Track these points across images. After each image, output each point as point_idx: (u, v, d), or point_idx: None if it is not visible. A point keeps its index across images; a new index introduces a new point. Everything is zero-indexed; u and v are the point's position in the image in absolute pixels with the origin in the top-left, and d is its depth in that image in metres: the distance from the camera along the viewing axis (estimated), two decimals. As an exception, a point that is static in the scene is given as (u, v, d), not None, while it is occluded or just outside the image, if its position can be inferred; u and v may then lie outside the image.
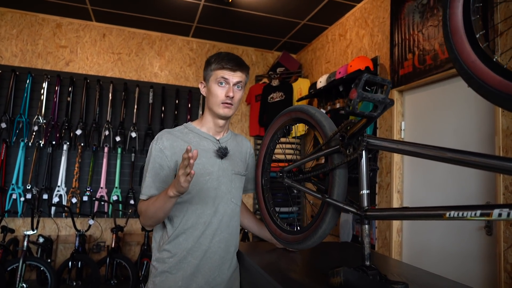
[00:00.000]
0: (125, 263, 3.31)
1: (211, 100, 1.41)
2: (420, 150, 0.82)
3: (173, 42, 4.63)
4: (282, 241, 1.29)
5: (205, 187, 1.38)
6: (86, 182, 4.07)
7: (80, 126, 4.05)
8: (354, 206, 1.04)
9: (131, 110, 4.30)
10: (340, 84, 3.45)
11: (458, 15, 0.78)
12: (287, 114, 1.33)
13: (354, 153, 0.97)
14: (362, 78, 0.79)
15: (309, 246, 1.16)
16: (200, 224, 1.37)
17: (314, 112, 1.18)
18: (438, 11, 2.59)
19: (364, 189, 0.99)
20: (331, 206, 1.08)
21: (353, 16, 3.71)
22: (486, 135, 2.24)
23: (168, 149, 1.38)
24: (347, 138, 0.98)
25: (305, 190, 1.17)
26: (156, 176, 1.36)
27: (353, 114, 0.84)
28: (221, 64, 1.38)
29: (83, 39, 4.29)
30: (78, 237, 3.38)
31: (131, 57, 4.44)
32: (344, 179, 1.07)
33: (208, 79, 1.42)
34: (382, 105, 0.82)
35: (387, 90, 0.83)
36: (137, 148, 4.23)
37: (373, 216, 0.96)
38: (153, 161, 1.37)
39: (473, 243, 2.29)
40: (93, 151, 4.11)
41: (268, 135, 1.45)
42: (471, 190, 2.32)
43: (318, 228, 1.11)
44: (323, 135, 1.13)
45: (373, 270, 0.94)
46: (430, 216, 0.81)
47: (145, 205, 1.33)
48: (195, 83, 4.66)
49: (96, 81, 4.20)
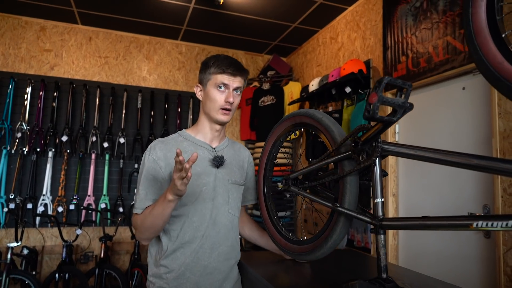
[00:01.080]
0: (115, 274, 3.20)
1: (209, 105, 1.35)
2: (443, 157, 0.78)
3: (162, 45, 4.54)
4: (288, 251, 1.23)
5: (201, 198, 1.32)
6: (73, 190, 3.93)
7: (66, 132, 3.92)
8: (366, 215, 0.99)
9: (119, 115, 4.19)
10: (333, 87, 3.42)
11: (481, 15, 0.74)
12: (290, 119, 1.28)
13: (368, 159, 0.93)
14: (383, 81, 0.75)
15: (317, 257, 1.11)
16: (198, 238, 1.31)
17: (321, 116, 1.13)
18: (431, 14, 2.59)
19: (378, 197, 0.95)
20: (342, 215, 1.03)
21: (344, 19, 3.70)
22: (483, 138, 2.23)
23: (161, 159, 1.31)
24: (360, 144, 0.93)
25: (313, 198, 1.11)
26: (150, 188, 1.29)
27: (372, 119, 0.79)
28: (222, 68, 1.32)
29: (69, 43, 4.16)
30: (65, 248, 3.25)
31: (118, 61, 4.34)
32: (355, 187, 1.02)
33: (206, 83, 1.36)
34: (401, 109, 0.78)
35: (407, 93, 0.79)
36: (125, 154, 4.12)
37: (389, 226, 0.91)
38: (146, 173, 1.30)
39: (471, 246, 2.27)
40: (79, 157, 3.98)
41: (270, 141, 1.39)
42: (468, 193, 2.31)
43: (328, 238, 1.06)
44: (331, 141, 1.08)
45: (390, 283, 0.89)
46: (454, 226, 0.77)
47: (141, 218, 1.26)
48: (184, 87, 4.58)
49: (82, 85, 4.07)
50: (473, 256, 2.25)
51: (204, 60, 1.41)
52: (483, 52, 0.72)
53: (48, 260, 3.85)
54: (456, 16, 2.39)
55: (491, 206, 2.16)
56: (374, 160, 0.93)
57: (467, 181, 2.32)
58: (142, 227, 1.26)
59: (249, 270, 1.40)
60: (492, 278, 2.12)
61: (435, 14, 2.56)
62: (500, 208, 2.03)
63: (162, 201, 1.17)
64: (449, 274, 2.38)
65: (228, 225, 1.37)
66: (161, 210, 1.18)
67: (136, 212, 1.29)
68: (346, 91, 3.29)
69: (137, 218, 1.28)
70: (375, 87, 0.77)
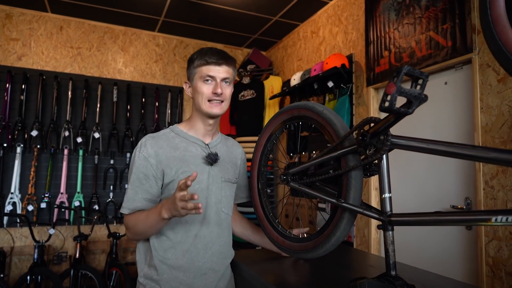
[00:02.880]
0: (92, 274, 3.06)
1: (198, 98, 1.29)
2: (458, 150, 0.75)
3: (138, 37, 4.38)
4: (286, 249, 1.19)
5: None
6: (44, 187, 3.73)
7: (36, 126, 3.70)
8: (372, 211, 0.97)
9: (93, 109, 4.01)
10: (315, 81, 3.41)
11: (500, 3, 0.72)
12: (287, 112, 1.23)
13: (377, 153, 0.89)
14: (402, 70, 0.71)
15: (319, 255, 1.08)
16: (190, 237, 1.25)
17: (322, 109, 1.09)
18: (414, 9, 2.61)
19: (386, 192, 0.92)
20: (346, 211, 0.99)
21: (325, 14, 3.69)
22: (464, 132, 2.28)
23: (152, 157, 1.23)
24: (368, 137, 0.90)
25: (315, 194, 1.08)
26: (140, 187, 1.22)
27: (390, 111, 0.76)
28: (204, 59, 1.27)
29: (37, 32, 3.92)
30: (37, 249, 3.08)
31: (92, 52, 4.14)
32: (360, 182, 0.99)
33: (193, 77, 1.30)
34: (417, 100, 0.75)
35: (423, 84, 0.76)
36: (100, 149, 3.95)
37: (399, 222, 0.89)
38: (136, 171, 1.23)
39: (452, 238, 2.32)
40: (51, 153, 3.77)
41: (265, 135, 1.34)
42: (450, 186, 2.36)
43: (331, 235, 1.02)
44: (334, 134, 1.05)
45: (399, 281, 0.87)
46: (471, 221, 0.75)
47: (133, 220, 1.20)
48: (162, 80, 4.44)
49: (53, 77, 3.85)
50: (454, 247, 2.31)
51: (189, 56, 1.35)
52: (502, 42, 0.70)
53: (17, 262, 3.64)
54: (439, 11, 2.41)
55: (473, 199, 2.21)
56: (382, 155, 0.90)
57: (449, 174, 2.37)
58: (134, 230, 1.22)
59: (242, 268, 1.35)
60: (474, 269, 2.17)
61: (418, 9, 2.59)
62: (482, 201, 2.08)
63: (156, 216, 1.13)
64: (431, 266, 2.43)
65: (221, 224, 1.32)
66: (154, 224, 1.15)
67: (124, 212, 1.23)
68: (329, 86, 3.29)
69: (128, 219, 1.22)
70: (393, 77, 0.73)
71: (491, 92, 2.08)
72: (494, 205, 2.02)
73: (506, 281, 1.94)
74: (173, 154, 1.26)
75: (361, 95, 3.10)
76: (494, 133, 2.05)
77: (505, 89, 2.01)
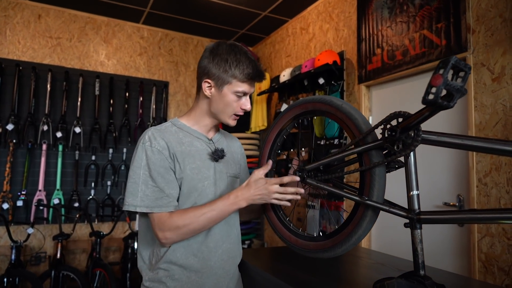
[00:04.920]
0: (74, 275, 2.92)
1: (222, 108, 1.21)
2: (499, 146, 0.73)
3: (122, 28, 4.22)
4: (300, 248, 1.15)
5: (204, 194, 1.20)
6: (20, 184, 3.53)
7: (11, 120, 3.50)
8: (397, 208, 0.94)
9: (74, 103, 3.83)
10: (306, 78, 3.39)
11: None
12: (301, 105, 1.18)
13: (406, 149, 0.86)
14: (450, 61, 0.68)
15: (337, 255, 1.04)
16: (200, 236, 1.18)
17: (340, 103, 1.05)
18: (408, 7, 2.62)
19: (414, 189, 0.89)
20: (369, 209, 0.96)
21: (316, 10, 3.67)
22: (458, 130, 2.31)
23: (165, 149, 1.16)
24: (398, 132, 0.86)
25: (336, 191, 1.04)
26: (168, 183, 1.14)
27: (435, 104, 0.72)
28: (248, 77, 1.18)
29: (13, 20, 3.71)
30: (15, 249, 2.91)
31: (72, 42, 3.95)
32: (384, 179, 0.96)
33: (222, 84, 1.18)
34: (458, 93, 0.72)
35: (465, 77, 0.73)
36: (81, 145, 3.78)
37: (428, 220, 0.86)
38: (155, 166, 1.13)
39: (444, 234, 2.36)
40: (28, 148, 3.58)
41: (275, 130, 1.29)
42: (442, 183, 2.38)
43: (352, 234, 0.99)
44: (355, 129, 1.01)
45: (429, 280, 0.84)
46: (509, 219, 0.72)
47: (186, 218, 1.11)
48: (147, 74, 4.30)
49: (30, 68, 3.65)
50: (446, 243, 2.34)
51: (216, 50, 1.20)
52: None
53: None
54: (433, 10, 2.43)
55: (465, 196, 2.24)
56: (412, 150, 0.86)
57: (441, 172, 2.40)
58: (187, 228, 1.11)
59: (250, 267, 1.30)
60: (466, 265, 2.21)
61: (411, 7, 2.60)
62: (475, 198, 2.11)
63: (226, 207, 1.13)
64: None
65: (230, 221, 1.26)
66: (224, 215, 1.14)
67: (168, 211, 1.12)
68: (320, 82, 3.27)
69: (176, 218, 1.11)
70: (439, 67, 0.70)
71: (486, 91, 2.11)
72: (487, 202, 2.05)
73: (499, 277, 1.98)
74: (179, 148, 1.19)
75: (352, 92, 3.10)
76: (488, 132, 2.09)
77: (499, 88, 2.04)
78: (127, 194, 1.13)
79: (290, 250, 1.65)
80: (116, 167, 3.95)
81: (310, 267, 1.30)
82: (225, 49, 1.19)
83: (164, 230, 1.11)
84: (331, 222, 3.19)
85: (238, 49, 1.20)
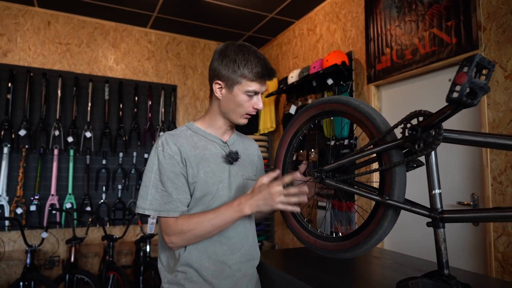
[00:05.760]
0: (88, 279, 2.95)
1: (233, 108, 1.22)
2: (524, 143, 0.73)
3: (129, 33, 4.25)
4: (319, 249, 1.15)
5: (218, 196, 1.21)
6: (33, 189, 3.57)
7: (24, 125, 3.54)
8: (419, 207, 0.94)
9: (84, 108, 3.87)
10: (314, 79, 3.39)
11: None
12: (318, 106, 1.19)
13: (428, 148, 0.86)
14: (475, 59, 0.68)
15: (357, 255, 1.04)
16: (216, 239, 1.19)
17: (358, 103, 1.06)
18: (416, 6, 2.62)
19: (436, 188, 0.89)
20: (390, 208, 0.96)
21: (323, 11, 3.67)
22: (471, 128, 2.29)
23: (177, 154, 1.17)
24: (419, 131, 0.86)
25: (356, 191, 1.04)
26: (176, 188, 1.16)
27: (459, 103, 0.72)
28: (258, 76, 1.17)
29: (24, 27, 3.76)
30: (30, 253, 2.94)
31: (81, 48, 3.99)
32: (405, 178, 0.96)
33: (233, 85, 1.19)
34: (482, 91, 0.72)
35: (489, 75, 0.73)
36: (92, 149, 3.82)
37: (452, 218, 0.86)
38: (165, 171, 1.15)
39: (459, 233, 2.34)
40: (40, 153, 3.62)
41: (291, 131, 1.29)
42: (456, 182, 2.37)
43: (373, 234, 0.99)
44: (373, 129, 1.01)
45: (453, 280, 0.84)
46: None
47: (191, 223, 1.12)
48: (154, 77, 4.33)
49: (41, 74, 3.70)
50: (461, 242, 2.32)
51: (225, 51, 1.20)
52: None
53: (5, 268, 3.48)
54: (443, 8, 2.42)
55: (479, 195, 2.23)
56: (434, 149, 0.86)
57: (454, 170, 2.38)
58: (191, 233, 1.12)
59: (268, 268, 1.31)
60: (482, 264, 2.19)
61: (420, 6, 2.59)
62: (490, 197, 2.10)
63: (230, 213, 1.11)
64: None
65: (247, 224, 1.27)
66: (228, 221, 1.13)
67: (174, 216, 1.14)
68: (328, 83, 3.27)
69: (180, 222, 1.13)
70: (463, 65, 0.70)
71: (498, 88, 2.10)
72: (503, 201, 2.04)
73: (516, 276, 1.96)
74: (193, 152, 1.20)
75: (361, 92, 3.10)
76: (502, 129, 2.07)
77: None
78: (139, 197, 1.17)
79: (304, 251, 1.65)
80: (127, 171, 3.98)
81: (328, 267, 1.30)
82: (234, 49, 1.20)
83: (170, 235, 1.13)
84: (343, 223, 3.18)
85: (247, 48, 1.20)
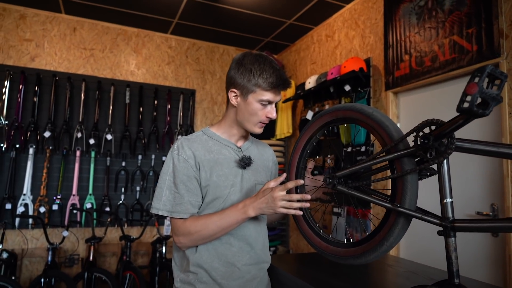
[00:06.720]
0: (105, 277, 3.02)
1: (248, 117, 1.25)
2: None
3: (151, 38, 4.36)
4: (330, 255, 1.15)
5: (229, 200, 1.24)
6: (56, 189, 3.70)
7: (48, 127, 3.68)
8: (430, 216, 0.94)
9: (105, 111, 3.99)
10: (332, 85, 3.39)
11: None
12: (332, 113, 1.20)
13: (439, 157, 0.86)
14: (486, 70, 0.68)
15: (368, 261, 1.04)
16: (228, 241, 1.22)
17: (371, 111, 1.07)
18: (436, 13, 2.59)
19: (447, 197, 0.89)
20: (401, 216, 0.96)
21: (341, 17, 3.67)
22: (491, 138, 2.25)
23: (192, 158, 1.22)
24: (431, 140, 0.87)
25: (368, 198, 1.04)
26: (188, 191, 1.20)
27: (470, 113, 0.73)
28: (272, 86, 1.20)
29: (51, 33, 3.91)
30: (51, 251, 3.04)
31: (105, 53, 4.12)
32: (416, 186, 0.96)
33: (247, 94, 1.22)
34: (494, 101, 0.72)
35: (501, 85, 0.73)
36: (112, 151, 3.92)
37: (463, 228, 0.86)
38: (179, 174, 1.20)
39: (477, 245, 2.29)
40: (63, 155, 3.75)
41: (304, 137, 1.31)
42: (475, 192, 2.32)
43: (384, 241, 0.99)
44: (386, 137, 1.02)
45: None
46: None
47: (198, 225, 1.16)
48: (174, 82, 4.42)
49: (66, 78, 3.84)
50: (480, 254, 2.27)
51: (241, 60, 1.24)
52: None
53: (28, 264, 3.61)
54: (463, 15, 2.39)
55: (499, 205, 2.17)
56: (446, 158, 0.87)
57: (473, 180, 2.34)
58: (198, 234, 1.17)
59: (279, 272, 1.32)
60: (501, 276, 2.14)
61: (440, 13, 2.56)
62: (510, 207, 2.05)
63: (235, 215, 1.15)
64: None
65: (257, 227, 1.29)
66: (233, 223, 1.16)
67: (183, 217, 1.18)
68: (346, 89, 3.26)
69: (189, 224, 1.17)
70: (474, 76, 0.70)
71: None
72: (524, 212, 1.98)
73: (537, 290, 1.91)
74: (207, 157, 1.24)
75: (379, 99, 3.08)
76: (523, 139, 2.02)
77: (535, 94, 1.98)
78: (154, 198, 1.22)
79: (317, 256, 1.66)
80: (145, 173, 4.06)
81: (340, 273, 1.30)
82: (250, 59, 1.23)
83: (178, 235, 1.19)
84: (358, 230, 3.15)
85: (263, 59, 1.23)
